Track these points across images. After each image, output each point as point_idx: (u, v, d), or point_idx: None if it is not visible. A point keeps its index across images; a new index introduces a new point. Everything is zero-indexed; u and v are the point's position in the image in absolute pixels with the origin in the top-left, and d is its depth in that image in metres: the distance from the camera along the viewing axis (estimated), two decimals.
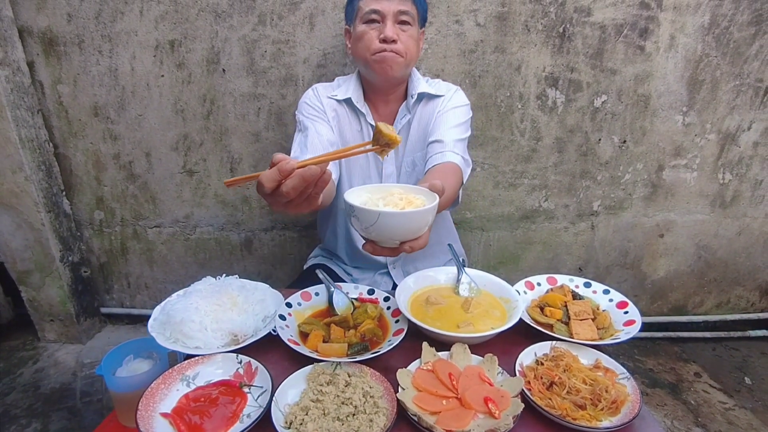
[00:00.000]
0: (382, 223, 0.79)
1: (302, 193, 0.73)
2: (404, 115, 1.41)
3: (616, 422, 0.81)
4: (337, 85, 1.45)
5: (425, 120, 1.41)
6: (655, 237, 2.17)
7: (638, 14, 1.77)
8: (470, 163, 1.36)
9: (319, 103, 1.40)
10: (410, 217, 0.80)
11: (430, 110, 1.41)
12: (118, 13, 1.77)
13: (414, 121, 1.42)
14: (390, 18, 1.25)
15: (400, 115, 1.42)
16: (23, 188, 1.89)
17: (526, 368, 0.93)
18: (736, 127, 1.97)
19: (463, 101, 1.42)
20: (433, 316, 1.08)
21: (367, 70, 1.32)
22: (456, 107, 1.39)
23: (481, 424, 0.79)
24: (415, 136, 1.43)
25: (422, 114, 1.42)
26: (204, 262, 2.21)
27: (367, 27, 1.27)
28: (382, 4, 1.25)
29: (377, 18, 1.26)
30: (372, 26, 1.27)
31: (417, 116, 1.42)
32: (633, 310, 1.10)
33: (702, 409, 1.89)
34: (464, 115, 1.40)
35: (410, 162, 1.44)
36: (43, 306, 2.13)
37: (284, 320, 1.05)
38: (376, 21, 1.26)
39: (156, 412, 0.82)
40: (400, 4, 1.25)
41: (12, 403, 1.84)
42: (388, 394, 0.85)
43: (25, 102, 1.84)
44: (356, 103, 1.38)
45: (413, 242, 0.85)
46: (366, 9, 1.25)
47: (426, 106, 1.41)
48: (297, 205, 0.76)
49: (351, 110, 1.41)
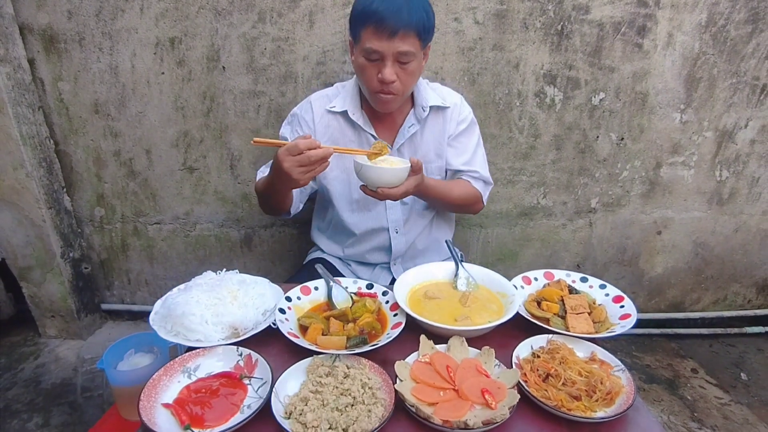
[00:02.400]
0: (364, 172, 1.18)
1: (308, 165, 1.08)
2: (412, 124, 1.42)
3: (611, 413, 0.82)
4: (336, 93, 1.45)
5: (435, 132, 1.44)
6: (652, 234, 2.18)
7: (636, 12, 1.78)
8: (491, 183, 1.55)
9: (310, 121, 1.42)
10: (379, 171, 1.16)
11: (439, 122, 1.44)
12: (119, 10, 1.78)
13: (424, 131, 1.43)
14: (389, 59, 1.20)
15: (407, 124, 1.42)
16: (24, 185, 1.90)
17: (522, 361, 0.95)
18: (733, 125, 1.98)
19: (470, 116, 1.48)
20: (431, 310, 1.10)
21: (367, 95, 1.34)
22: (468, 129, 1.47)
23: (478, 414, 0.81)
24: (424, 147, 1.45)
25: (432, 125, 1.44)
26: (204, 259, 2.23)
27: (367, 62, 1.24)
28: (382, 44, 1.18)
29: (377, 57, 1.21)
30: (372, 63, 1.23)
31: (427, 127, 1.43)
32: (629, 304, 1.12)
33: (698, 405, 1.90)
34: (476, 132, 1.50)
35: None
36: (44, 302, 2.14)
37: (284, 314, 1.06)
38: (375, 59, 1.22)
39: (158, 402, 0.83)
40: (402, 44, 1.18)
41: (13, 397, 1.86)
42: (386, 386, 0.87)
43: (26, 99, 1.85)
44: (352, 116, 1.39)
45: (387, 191, 1.18)
46: (366, 46, 1.20)
47: (435, 116, 1.43)
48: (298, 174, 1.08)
49: (348, 121, 1.42)
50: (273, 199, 1.33)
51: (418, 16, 1.17)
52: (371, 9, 1.16)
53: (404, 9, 1.15)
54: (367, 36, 1.19)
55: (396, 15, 1.15)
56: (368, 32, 1.19)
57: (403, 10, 1.15)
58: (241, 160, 2.01)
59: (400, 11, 1.15)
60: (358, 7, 1.21)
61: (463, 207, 1.54)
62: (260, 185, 1.38)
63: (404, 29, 1.16)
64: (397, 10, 1.15)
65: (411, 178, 1.24)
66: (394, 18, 1.15)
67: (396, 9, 1.15)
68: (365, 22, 1.18)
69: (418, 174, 1.25)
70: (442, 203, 1.49)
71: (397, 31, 1.16)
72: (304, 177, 1.10)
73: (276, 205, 1.37)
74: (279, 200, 1.34)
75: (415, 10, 1.17)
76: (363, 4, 1.19)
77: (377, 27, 1.16)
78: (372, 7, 1.16)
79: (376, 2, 1.16)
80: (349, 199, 1.47)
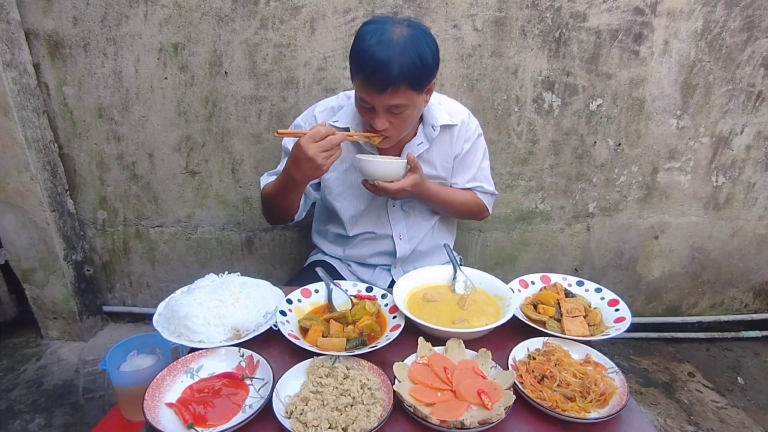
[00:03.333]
0: (363, 165, 1.25)
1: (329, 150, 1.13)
2: (421, 142, 1.40)
3: (604, 413, 0.84)
4: (340, 105, 1.43)
5: (443, 149, 1.44)
6: (649, 238, 2.20)
7: (633, 20, 1.80)
8: (496, 193, 1.59)
9: None
10: (375, 164, 1.24)
11: (446, 140, 1.44)
12: (123, 16, 1.80)
13: (432, 149, 1.43)
14: (380, 110, 1.18)
15: (415, 142, 1.40)
16: (28, 188, 1.92)
17: (518, 362, 0.97)
18: (728, 131, 2.00)
19: (477, 131, 1.49)
20: (430, 313, 1.12)
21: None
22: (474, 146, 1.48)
23: (475, 415, 0.83)
24: (429, 163, 1.44)
25: (440, 142, 1.43)
26: (205, 262, 2.24)
27: (361, 108, 1.23)
28: (372, 96, 1.14)
29: (368, 106, 1.19)
30: (364, 110, 1.22)
31: (435, 145, 1.43)
32: (623, 308, 1.13)
33: (695, 408, 1.92)
34: (481, 146, 1.52)
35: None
36: (47, 304, 2.16)
37: (285, 316, 1.08)
38: (368, 108, 1.20)
39: (162, 402, 0.85)
40: (392, 98, 1.13)
41: (16, 398, 1.87)
42: (385, 386, 0.88)
43: (31, 103, 1.87)
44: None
45: (385, 185, 1.25)
46: (358, 93, 1.18)
47: (443, 134, 1.43)
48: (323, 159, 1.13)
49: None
50: (284, 201, 1.35)
51: (409, 68, 1.10)
52: (363, 58, 1.11)
53: (394, 62, 1.08)
54: (359, 84, 1.17)
55: (384, 69, 1.08)
56: (360, 81, 1.16)
57: (392, 64, 1.08)
58: (243, 165, 2.03)
59: (389, 65, 1.08)
60: (352, 52, 1.16)
61: (467, 214, 1.59)
62: (270, 190, 1.38)
63: (393, 85, 1.10)
64: (385, 63, 1.08)
65: (409, 177, 1.27)
66: (381, 74, 1.09)
67: (384, 62, 1.08)
68: (357, 70, 1.15)
69: (415, 173, 1.27)
70: (445, 209, 1.53)
71: (386, 88, 1.11)
72: (327, 162, 1.14)
73: (284, 210, 1.39)
74: (290, 203, 1.36)
75: (407, 61, 1.09)
76: (355, 50, 1.14)
77: (367, 80, 1.13)
78: (365, 56, 1.10)
79: (364, 55, 1.10)
80: (353, 212, 1.48)
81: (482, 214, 1.59)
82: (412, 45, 1.11)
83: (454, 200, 1.48)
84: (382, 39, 1.10)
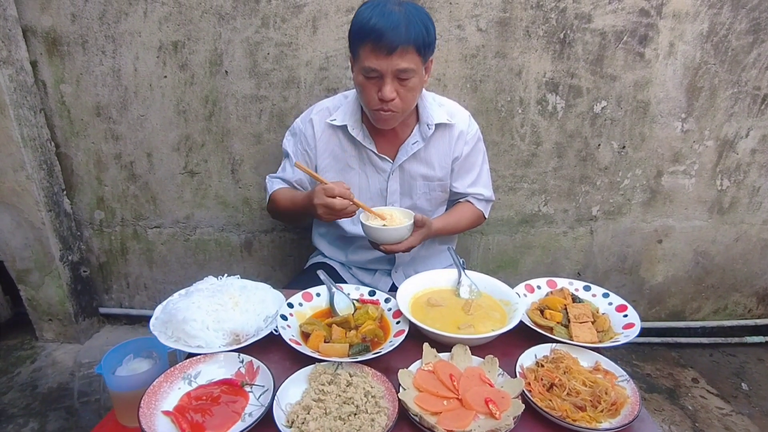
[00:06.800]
0: (367, 231, 1.28)
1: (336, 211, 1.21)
2: (416, 141, 1.40)
3: (616, 424, 0.81)
4: (337, 104, 1.43)
5: (441, 149, 1.44)
6: (653, 242, 2.18)
7: (638, 21, 1.78)
8: (493, 199, 1.60)
9: (311, 138, 1.42)
10: (380, 231, 1.25)
11: (445, 139, 1.43)
12: (122, 14, 1.78)
13: (428, 148, 1.42)
14: (388, 76, 1.18)
15: (411, 140, 1.40)
16: (24, 187, 1.89)
17: (526, 370, 0.94)
18: (734, 134, 1.99)
19: (476, 134, 1.49)
20: (434, 318, 1.09)
21: (367, 111, 1.33)
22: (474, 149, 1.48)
23: (482, 424, 0.80)
24: (427, 163, 1.44)
25: (437, 141, 1.43)
26: (204, 263, 2.21)
27: (366, 80, 1.22)
28: (380, 63, 1.16)
29: (375, 75, 1.19)
30: (371, 81, 1.22)
31: (431, 144, 1.42)
32: (632, 314, 1.11)
33: (699, 415, 1.89)
34: (481, 150, 1.52)
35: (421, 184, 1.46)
36: (42, 305, 2.12)
37: (286, 320, 1.05)
38: (374, 77, 1.20)
39: (158, 410, 0.82)
40: (401, 61, 1.15)
41: (9, 402, 1.84)
42: (389, 394, 0.86)
43: (27, 101, 1.84)
44: (351, 131, 1.38)
45: (391, 246, 1.27)
46: (365, 64, 1.18)
47: (441, 133, 1.42)
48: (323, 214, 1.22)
49: (348, 136, 1.40)
50: (294, 217, 1.48)
51: (416, 32, 1.14)
52: (368, 26, 1.13)
53: (402, 25, 1.12)
54: (366, 54, 1.17)
55: (393, 31, 1.12)
56: (366, 50, 1.16)
57: (401, 26, 1.12)
58: (243, 165, 2.00)
59: (398, 27, 1.12)
60: (356, 25, 1.18)
61: (469, 229, 1.62)
62: (283, 200, 1.43)
63: (403, 46, 1.13)
64: (394, 26, 1.12)
65: (416, 233, 1.29)
66: (391, 34, 1.12)
67: (393, 25, 1.12)
68: (363, 39, 1.16)
69: (422, 228, 1.30)
70: (452, 234, 1.60)
71: (395, 48, 1.13)
72: (327, 218, 1.24)
73: (292, 222, 1.49)
74: (299, 219, 1.51)
75: (414, 26, 1.14)
76: (360, 21, 1.16)
77: (375, 44, 1.14)
78: (369, 24, 1.13)
79: (373, 19, 1.13)
80: (354, 219, 1.46)
81: (480, 222, 1.61)
82: (416, 13, 1.17)
83: (459, 225, 1.53)
84: (385, 10, 1.14)
